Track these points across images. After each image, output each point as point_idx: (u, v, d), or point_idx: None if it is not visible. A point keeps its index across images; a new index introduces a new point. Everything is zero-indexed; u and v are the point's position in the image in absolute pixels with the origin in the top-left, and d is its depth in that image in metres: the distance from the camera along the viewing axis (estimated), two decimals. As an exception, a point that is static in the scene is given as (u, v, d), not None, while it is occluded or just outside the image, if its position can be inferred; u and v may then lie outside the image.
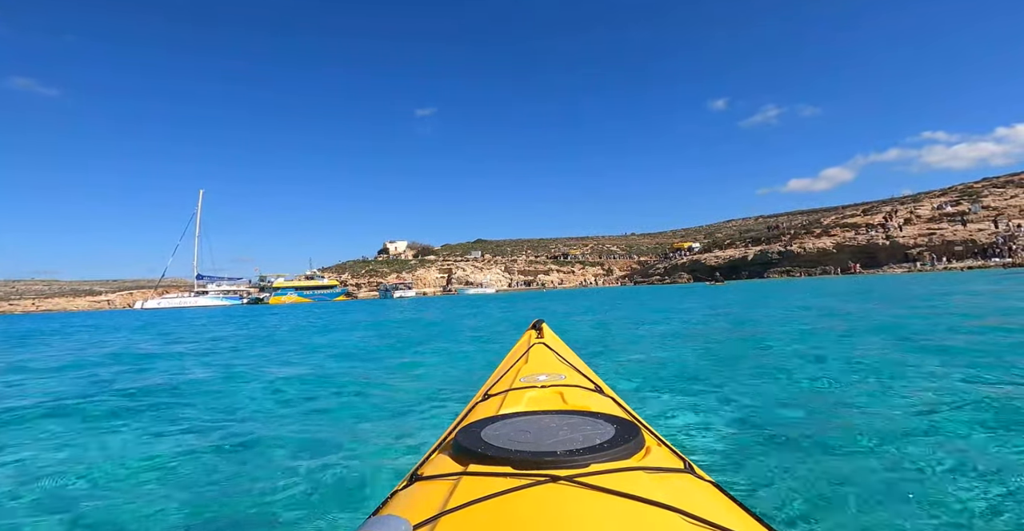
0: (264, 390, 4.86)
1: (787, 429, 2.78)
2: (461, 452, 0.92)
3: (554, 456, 0.84)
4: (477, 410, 1.25)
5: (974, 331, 6.49)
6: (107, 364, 7.69)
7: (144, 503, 2.19)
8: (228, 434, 3.22)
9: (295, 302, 70.52)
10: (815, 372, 4.43)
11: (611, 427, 0.98)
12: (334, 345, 9.34)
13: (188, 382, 5.53)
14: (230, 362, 7.33)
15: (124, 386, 5.37)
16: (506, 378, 1.44)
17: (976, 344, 5.32)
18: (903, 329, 7.01)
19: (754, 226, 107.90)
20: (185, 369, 6.76)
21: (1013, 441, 2.45)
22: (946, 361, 4.50)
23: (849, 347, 5.69)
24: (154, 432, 3.40)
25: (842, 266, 62.05)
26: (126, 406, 4.27)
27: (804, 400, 3.50)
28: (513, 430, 0.98)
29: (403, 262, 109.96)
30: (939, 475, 2.10)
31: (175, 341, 11.84)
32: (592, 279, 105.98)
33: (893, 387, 3.69)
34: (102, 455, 2.90)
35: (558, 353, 1.66)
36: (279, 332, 13.67)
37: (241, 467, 2.57)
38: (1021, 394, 3.25)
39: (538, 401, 1.22)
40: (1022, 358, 4.37)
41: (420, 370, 5.80)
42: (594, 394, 1.30)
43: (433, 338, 9.80)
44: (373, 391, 4.53)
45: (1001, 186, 65.35)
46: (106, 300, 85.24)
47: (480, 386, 1.48)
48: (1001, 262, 44.01)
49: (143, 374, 6.37)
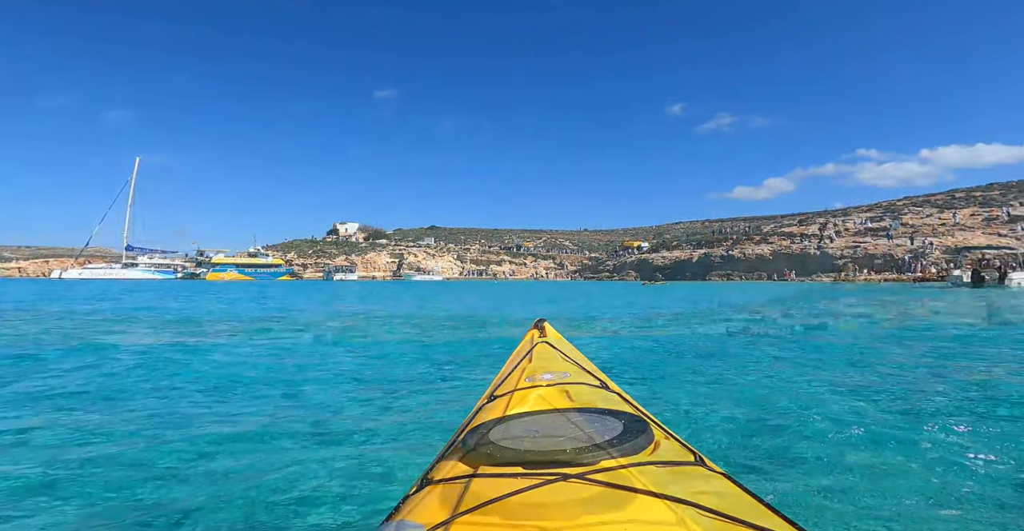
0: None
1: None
2: (470, 454, 0.93)
3: (564, 454, 0.86)
4: (484, 411, 1.25)
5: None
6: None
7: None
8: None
9: (235, 279, 67.99)
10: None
11: (619, 423, 0.99)
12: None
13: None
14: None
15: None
16: (511, 378, 1.43)
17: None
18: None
19: (701, 229, 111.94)
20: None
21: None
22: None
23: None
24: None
25: (778, 272, 65.46)
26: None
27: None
28: (521, 430, 0.99)
29: (353, 244, 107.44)
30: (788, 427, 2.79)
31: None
32: (544, 272, 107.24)
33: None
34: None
35: (562, 351, 1.66)
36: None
37: (239, 475, 2.36)
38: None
39: (544, 400, 1.22)
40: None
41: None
42: (600, 390, 1.31)
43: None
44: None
45: (919, 205, 70.49)
46: (16, 267, 79.87)
47: (486, 387, 1.48)
48: (912, 276, 47.68)
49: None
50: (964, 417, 3.05)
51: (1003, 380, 4.12)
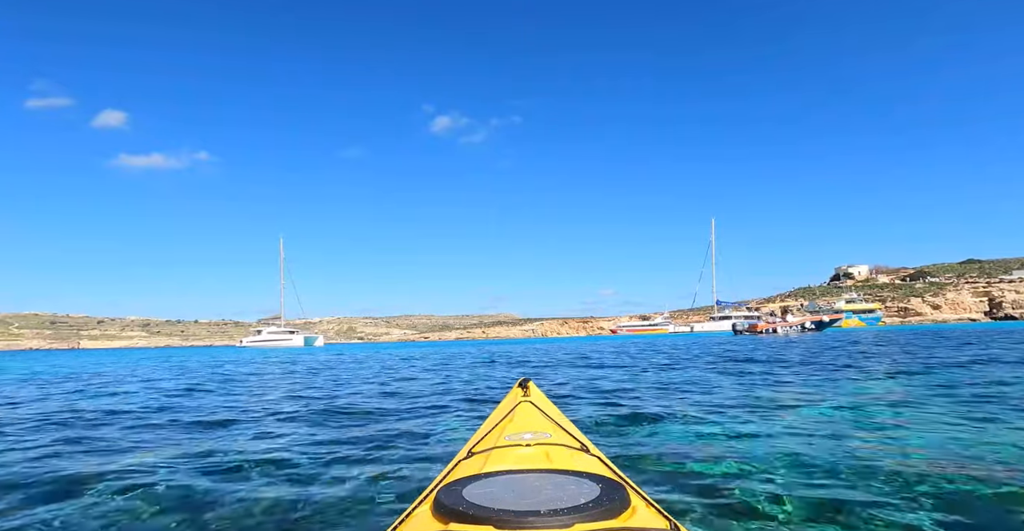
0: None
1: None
2: (442, 510, 0.91)
3: (537, 515, 0.83)
4: (460, 468, 1.24)
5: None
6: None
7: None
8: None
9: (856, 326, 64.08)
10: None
11: (596, 486, 0.97)
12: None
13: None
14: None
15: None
16: (491, 436, 1.44)
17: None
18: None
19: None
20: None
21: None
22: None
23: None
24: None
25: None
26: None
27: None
28: (496, 488, 0.98)
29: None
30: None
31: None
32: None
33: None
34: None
35: (544, 411, 1.65)
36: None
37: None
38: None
39: (523, 459, 1.22)
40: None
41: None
42: (580, 453, 1.30)
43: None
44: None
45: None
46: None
47: (464, 444, 1.49)
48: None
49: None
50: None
51: None
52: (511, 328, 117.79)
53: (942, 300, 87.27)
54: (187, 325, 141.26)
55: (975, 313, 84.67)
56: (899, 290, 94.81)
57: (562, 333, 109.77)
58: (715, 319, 71.16)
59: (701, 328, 69.84)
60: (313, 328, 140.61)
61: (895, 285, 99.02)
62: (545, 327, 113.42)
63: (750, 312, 70.97)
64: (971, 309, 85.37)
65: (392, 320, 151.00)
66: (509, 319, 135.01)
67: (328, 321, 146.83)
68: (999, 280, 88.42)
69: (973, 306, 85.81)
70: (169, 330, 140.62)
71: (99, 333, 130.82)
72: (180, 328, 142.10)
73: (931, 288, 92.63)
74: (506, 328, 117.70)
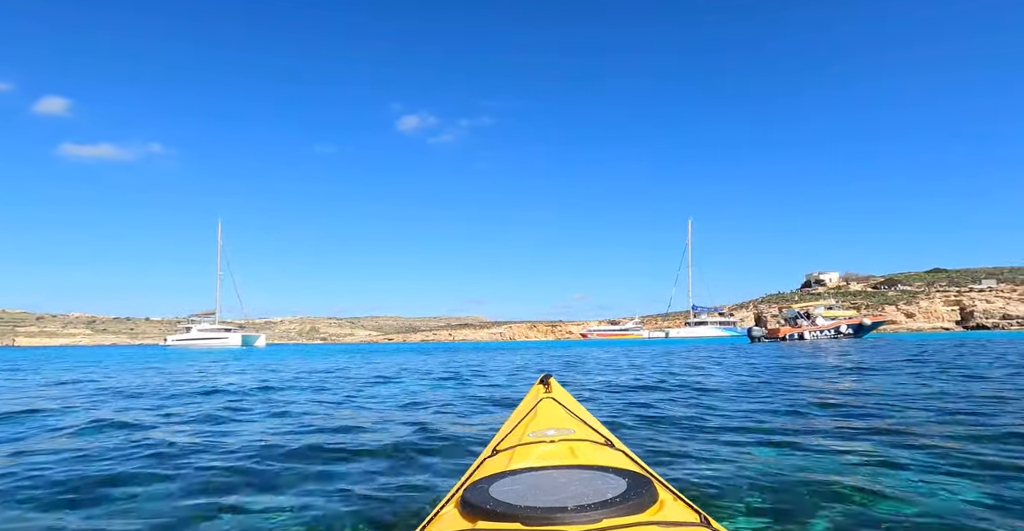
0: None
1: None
2: (469, 509, 0.91)
3: (564, 512, 0.83)
4: (486, 466, 1.25)
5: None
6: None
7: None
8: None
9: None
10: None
11: (623, 481, 0.97)
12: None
13: None
14: None
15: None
16: (515, 433, 1.45)
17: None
18: None
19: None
20: None
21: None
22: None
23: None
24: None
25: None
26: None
27: None
28: (523, 486, 0.98)
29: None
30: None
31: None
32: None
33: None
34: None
35: (567, 407, 1.64)
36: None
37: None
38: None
39: (548, 456, 1.21)
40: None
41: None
42: (605, 448, 1.29)
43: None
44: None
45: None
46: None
47: (488, 442, 1.49)
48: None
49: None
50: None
51: None
52: (479, 331, 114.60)
53: (916, 309, 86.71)
54: (137, 323, 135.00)
55: (947, 322, 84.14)
56: (872, 298, 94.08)
57: (530, 337, 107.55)
58: (691, 324, 68.94)
59: (677, 334, 67.64)
60: (274, 328, 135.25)
61: (868, 293, 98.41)
62: (513, 331, 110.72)
63: (724, 317, 68.83)
64: (944, 318, 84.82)
65: (358, 321, 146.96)
66: (477, 322, 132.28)
67: (290, 321, 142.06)
68: (968, 290, 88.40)
69: (946, 315, 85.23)
70: (117, 328, 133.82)
71: (37, 330, 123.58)
72: (129, 326, 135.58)
73: (903, 296, 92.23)
74: (473, 331, 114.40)
